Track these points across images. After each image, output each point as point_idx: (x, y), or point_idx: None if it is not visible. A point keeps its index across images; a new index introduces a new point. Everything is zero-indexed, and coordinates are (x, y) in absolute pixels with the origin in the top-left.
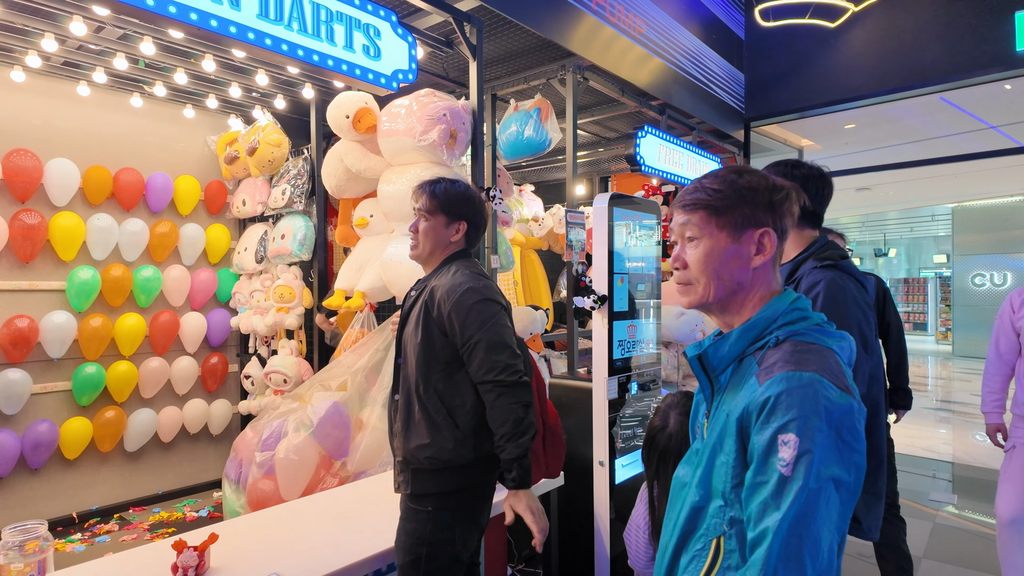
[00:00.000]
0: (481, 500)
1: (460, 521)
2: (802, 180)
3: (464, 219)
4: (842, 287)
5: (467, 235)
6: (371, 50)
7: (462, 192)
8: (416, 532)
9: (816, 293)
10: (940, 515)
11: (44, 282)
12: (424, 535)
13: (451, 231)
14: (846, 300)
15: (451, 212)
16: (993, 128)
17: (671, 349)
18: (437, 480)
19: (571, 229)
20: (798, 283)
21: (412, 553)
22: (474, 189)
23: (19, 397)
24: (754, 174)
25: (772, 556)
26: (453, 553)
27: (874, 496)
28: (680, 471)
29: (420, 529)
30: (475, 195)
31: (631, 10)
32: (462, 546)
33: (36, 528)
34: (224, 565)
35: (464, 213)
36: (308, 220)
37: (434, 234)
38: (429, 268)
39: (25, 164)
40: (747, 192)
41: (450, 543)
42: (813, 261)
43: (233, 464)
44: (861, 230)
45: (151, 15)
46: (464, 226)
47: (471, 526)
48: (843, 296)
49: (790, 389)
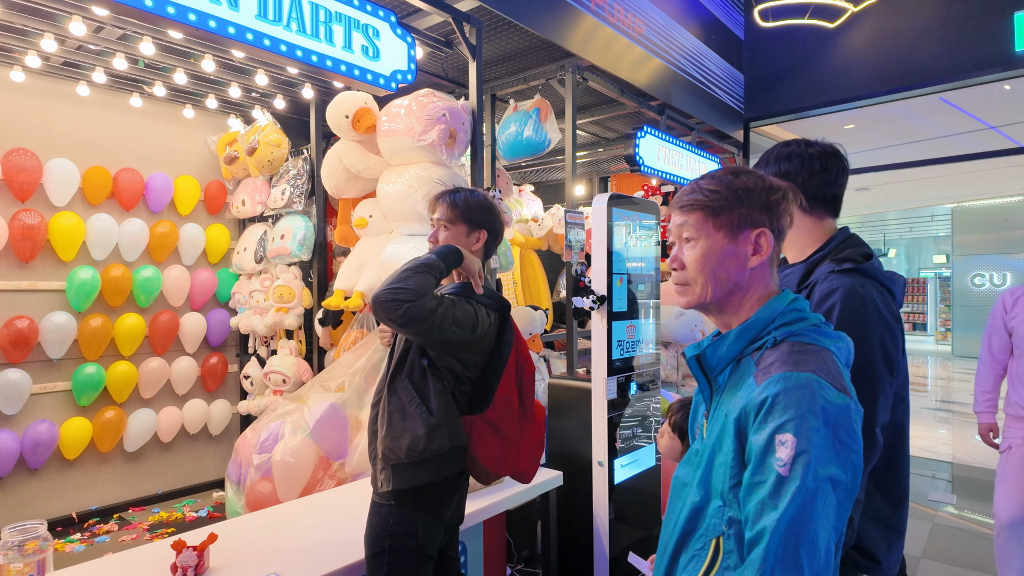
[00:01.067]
0: (445, 495)
1: (422, 514)
2: (819, 158)
3: (485, 228)
4: (862, 297)
5: (487, 244)
6: (370, 50)
7: (482, 201)
8: (378, 526)
9: (832, 304)
10: (939, 515)
11: (44, 282)
12: (386, 528)
13: (472, 240)
14: (867, 313)
15: (472, 221)
16: (993, 128)
17: (670, 349)
18: (416, 473)
19: (570, 229)
20: (811, 289)
21: (376, 546)
22: (492, 200)
23: (19, 397)
24: (751, 175)
25: (770, 555)
26: (415, 546)
27: (897, 533)
28: (680, 471)
29: (382, 523)
30: (494, 204)
31: (630, 10)
32: (425, 539)
33: (35, 528)
34: (223, 565)
35: (485, 222)
36: (308, 220)
37: (455, 244)
38: (448, 281)
39: (25, 164)
40: (743, 193)
41: (411, 536)
42: (830, 264)
43: (234, 466)
44: (861, 230)
45: (150, 16)
46: (485, 235)
47: (433, 519)
48: (863, 309)
49: (787, 389)
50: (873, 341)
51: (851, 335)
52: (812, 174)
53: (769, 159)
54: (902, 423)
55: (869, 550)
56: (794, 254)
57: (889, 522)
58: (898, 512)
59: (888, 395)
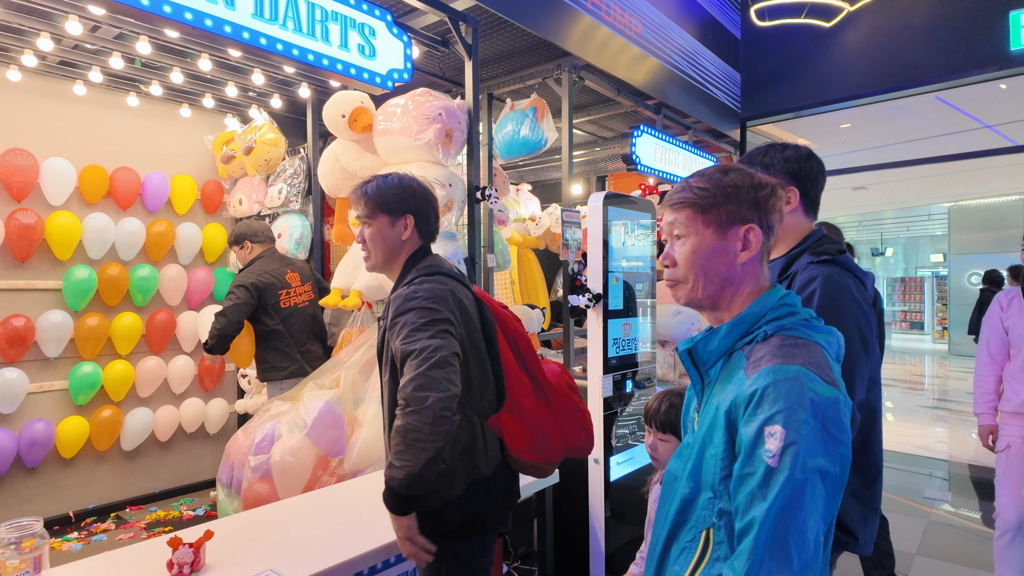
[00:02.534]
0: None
1: (479, 538)
2: (794, 161)
3: (408, 212)
4: (840, 284)
5: (418, 228)
6: (366, 49)
7: (396, 183)
8: (433, 567)
9: (812, 290)
10: (934, 512)
11: (40, 281)
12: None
13: (399, 229)
14: (843, 298)
15: (391, 209)
16: (989, 127)
17: (667, 347)
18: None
19: (567, 228)
20: (792, 279)
21: (431, 571)
22: (410, 177)
23: (15, 396)
24: (739, 172)
25: (759, 545)
26: (472, 565)
27: (871, 510)
28: (672, 464)
29: (435, 564)
30: (412, 182)
31: (627, 10)
32: (483, 555)
33: (31, 525)
34: (220, 562)
35: (406, 205)
36: (305, 219)
37: (381, 238)
38: (394, 276)
39: (21, 163)
40: (732, 190)
41: (469, 556)
42: (809, 256)
43: (225, 468)
44: (858, 229)
45: (146, 14)
46: (411, 219)
47: (492, 539)
48: (840, 294)
49: (776, 382)
50: (849, 323)
51: (829, 318)
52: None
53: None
54: (875, 406)
55: (847, 525)
56: (780, 249)
57: (863, 499)
58: (871, 490)
59: (864, 374)
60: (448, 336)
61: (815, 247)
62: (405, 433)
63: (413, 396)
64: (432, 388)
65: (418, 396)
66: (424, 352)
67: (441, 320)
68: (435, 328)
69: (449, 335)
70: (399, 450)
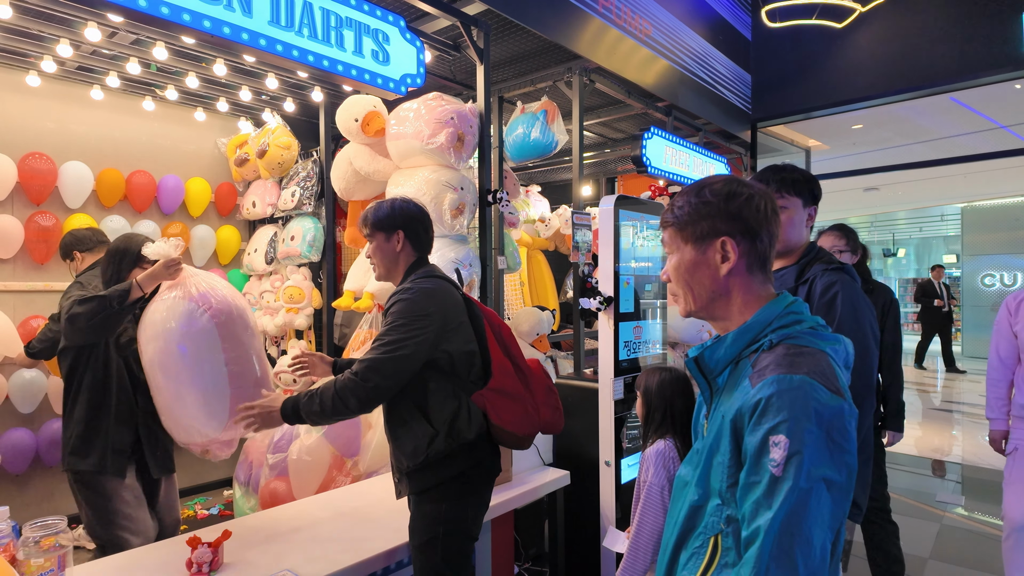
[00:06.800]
0: (485, 477)
1: (471, 500)
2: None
3: (399, 228)
4: (854, 288)
5: (409, 241)
6: (380, 55)
7: (389, 206)
8: (432, 513)
9: (834, 293)
10: (947, 516)
11: (59, 283)
12: (440, 515)
13: (393, 243)
14: (859, 302)
15: (384, 227)
16: (1003, 128)
17: (677, 350)
18: (427, 475)
19: (577, 230)
20: (811, 284)
21: (429, 532)
22: (401, 200)
23: (34, 396)
24: (714, 186)
25: (765, 554)
26: (467, 530)
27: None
28: (682, 470)
29: (435, 511)
30: (403, 204)
31: (637, 12)
32: (473, 524)
33: (56, 524)
34: (237, 561)
35: (395, 223)
36: (317, 222)
37: (381, 252)
38: (398, 284)
39: (40, 167)
40: (703, 207)
41: (463, 520)
42: (821, 264)
43: (243, 466)
44: (870, 230)
45: (165, 23)
46: (401, 234)
47: (480, 504)
48: (857, 296)
49: (780, 391)
50: (865, 321)
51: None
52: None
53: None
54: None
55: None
56: (790, 258)
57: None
58: (866, 469)
59: (876, 358)
60: (419, 337)
61: (818, 256)
62: (341, 394)
63: (365, 373)
64: (378, 374)
65: (368, 375)
66: (393, 344)
67: (423, 316)
68: (414, 326)
69: (423, 335)
70: (327, 403)
